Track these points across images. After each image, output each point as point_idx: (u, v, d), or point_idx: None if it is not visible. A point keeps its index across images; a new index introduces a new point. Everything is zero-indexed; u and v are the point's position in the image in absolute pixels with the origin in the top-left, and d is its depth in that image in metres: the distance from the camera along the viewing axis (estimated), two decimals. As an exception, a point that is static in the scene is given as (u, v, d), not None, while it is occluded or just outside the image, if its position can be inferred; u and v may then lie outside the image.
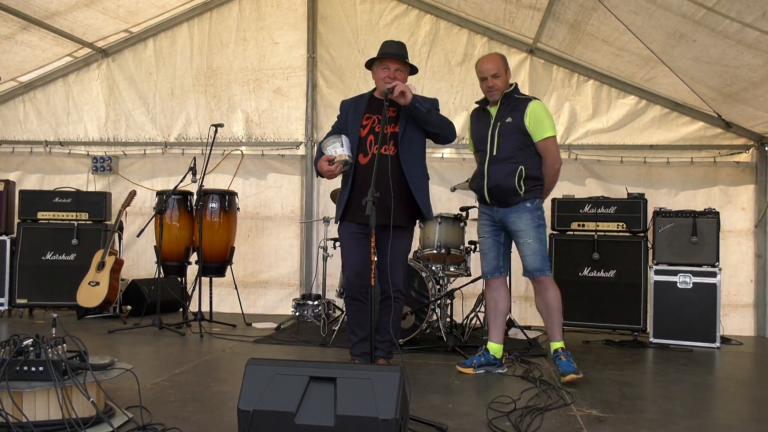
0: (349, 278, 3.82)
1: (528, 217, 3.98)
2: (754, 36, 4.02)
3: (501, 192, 3.99)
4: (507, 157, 3.97)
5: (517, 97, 4.06)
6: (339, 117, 4.01)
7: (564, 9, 5.16)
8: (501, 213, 4.06)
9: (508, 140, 3.97)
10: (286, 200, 6.88)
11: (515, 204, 3.99)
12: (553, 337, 4.07)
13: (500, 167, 3.98)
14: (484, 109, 4.14)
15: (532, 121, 3.94)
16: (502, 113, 4.03)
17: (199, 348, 4.90)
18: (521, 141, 3.97)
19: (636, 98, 6.24)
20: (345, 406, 2.40)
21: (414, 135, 3.81)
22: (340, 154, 3.65)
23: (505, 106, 4.03)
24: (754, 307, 6.04)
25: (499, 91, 4.01)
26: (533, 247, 3.98)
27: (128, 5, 6.30)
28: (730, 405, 3.74)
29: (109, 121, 7.10)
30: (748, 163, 6.10)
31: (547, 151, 4.02)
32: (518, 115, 3.96)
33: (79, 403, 2.63)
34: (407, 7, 6.60)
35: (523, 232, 4.00)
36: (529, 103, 3.97)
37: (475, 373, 4.03)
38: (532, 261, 4.00)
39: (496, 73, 3.98)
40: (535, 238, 3.98)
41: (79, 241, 6.29)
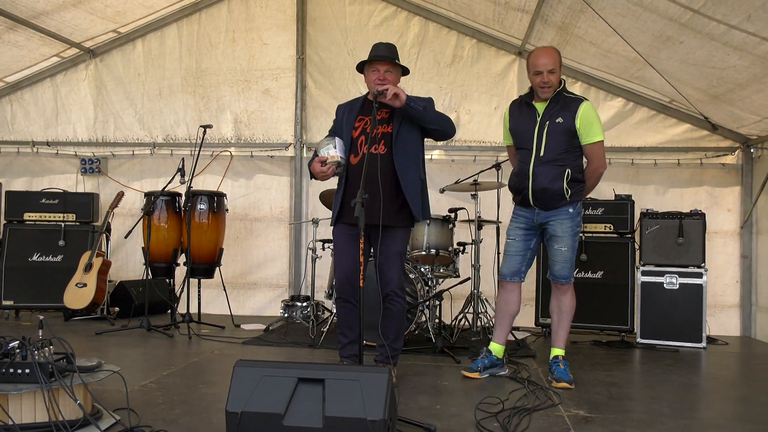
0: (339, 280, 3.79)
1: (568, 224, 3.91)
2: (740, 38, 4.06)
3: (548, 196, 3.88)
4: (554, 159, 3.85)
5: (567, 96, 3.91)
6: (335, 121, 3.99)
7: (552, 11, 5.19)
8: (543, 216, 3.96)
9: (556, 141, 3.85)
10: (275, 201, 6.87)
11: (559, 207, 3.91)
12: (557, 342, 4.06)
13: (547, 169, 3.86)
14: (529, 104, 3.98)
15: (583, 123, 3.82)
16: (550, 111, 3.88)
17: (187, 350, 4.88)
18: (568, 143, 3.86)
19: (623, 100, 6.28)
20: (333, 408, 2.41)
21: (409, 135, 3.75)
22: (332, 155, 3.64)
23: (554, 104, 3.88)
24: (739, 308, 6.09)
25: (552, 88, 3.87)
26: (565, 256, 3.94)
27: (116, 5, 6.27)
28: (716, 405, 3.78)
29: (97, 121, 7.06)
30: (733, 165, 6.16)
31: (594, 154, 3.91)
32: (569, 116, 3.82)
33: (66, 406, 2.62)
34: (396, 8, 6.60)
35: (560, 239, 3.93)
36: (581, 104, 3.84)
37: (482, 378, 3.98)
38: (561, 269, 3.97)
39: (552, 69, 3.84)
40: (570, 247, 3.94)
41: (67, 243, 6.25)
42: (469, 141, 6.49)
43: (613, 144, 6.28)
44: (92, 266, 5.82)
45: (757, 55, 4.21)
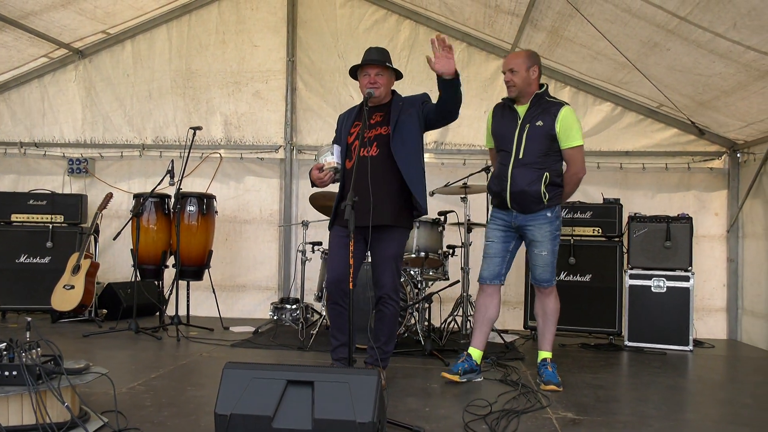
0: (330, 282, 3.78)
1: (547, 228, 3.92)
2: (725, 46, 4.11)
3: (525, 198, 3.89)
4: (533, 162, 3.87)
5: (549, 100, 3.95)
6: (336, 130, 4.01)
7: (542, 16, 5.23)
8: (521, 219, 3.96)
9: (536, 144, 3.87)
10: (265, 204, 6.86)
11: (536, 211, 3.92)
12: (543, 345, 4.07)
13: (526, 172, 3.88)
14: (511, 107, 4.01)
15: (563, 127, 3.84)
16: (531, 114, 3.91)
17: (175, 352, 4.87)
18: (548, 146, 3.87)
19: (612, 105, 6.33)
20: (322, 410, 2.42)
21: (407, 134, 3.74)
22: (328, 161, 3.69)
23: (535, 107, 3.92)
24: (726, 311, 6.14)
25: (515, 87, 3.90)
26: (546, 260, 3.95)
27: (105, 6, 6.24)
28: (702, 407, 3.81)
29: (85, 122, 7.03)
30: (720, 170, 6.21)
31: (573, 159, 3.93)
32: (549, 120, 3.85)
33: (53, 408, 2.60)
34: (387, 12, 6.62)
35: (539, 243, 3.94)
36: (561, 108, 3.87)
37: (460, 380, 3.96)
38: (542, 273, 3.98)
39: (512, 69, 3.89)
40: (550, 251, 3.95)
41: (54, 244, 6.22)
42: (459, 144, 6.52)
43: (601, 148, 6.34)
44: (80, 268, 5.79)
45: (742, 63, 4.26)
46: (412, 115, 3.77)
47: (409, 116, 3.76)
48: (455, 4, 5.98)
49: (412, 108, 3.79)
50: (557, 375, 3.92)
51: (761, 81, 4.41)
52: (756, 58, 4.10)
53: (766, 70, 4.22)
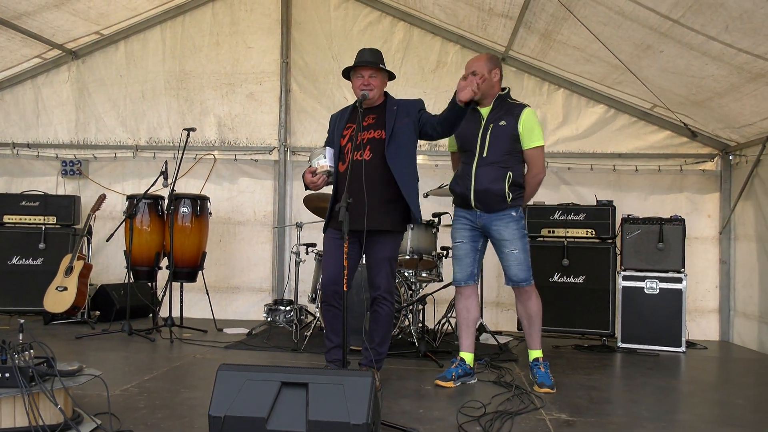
0: (325, 284, 3.78)
1: (514, 227, 3.95)
2: (717, 48, 4.13)
3: (489, 197, 3.93)
4: (497, 161, 3.92)
5: (511, 102, 4.04)
6: (329, 131, 4.02)
7: (535, 18, 5.24)
8: (485, 219, 4.00)
9: (500, 143, 3.93)
10: (259, 205, 6.85)
11: (501, 211, 3.95)
12: (532, 345, 4.08)
13: (490, 170, 3.93)
14: (474, 108, 4.03)
15: (525, 127, 3.93)
16: (494, 115, 3.98)
17: (169, 354, 4.86)
18: (511, 146, 3.94)
19: (605, 107, 6.35)
20: (317, 412, 2.42)
21: (405, 139, 3.76)
22: (321, 165, 3.68)
23: (498, 108, 4.00)
24: (718, 313, 6.17)
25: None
26: (519, 258, 3.96)
27: (99, 7, 6.22)
28: (694, 408, 3.83)
29: (78, 123, 7.01)
30: (713, 172, 6.24)
31: (534, 160, 4.00)
32: (512, 120, 3.94)
33: (46, 410, 2.60)
34: (381, 14, 6.63)
35: (509, 242, 3.96)
36: (523, 109, 3.96)
37: (455, 386, 3.96)
38: (518, 272, 3.98)
39: (474, 71, 3.94)
40: (521, 249, 3.96)
41: (47, 246, 6.20)
42: (453, 146, 6.53)
43: (595, 150, 6.36)
44: (73, 269, 5.77)
45: (734, 66, 4.28)
46: (409, 125, 3.78)
47: (405, 125, 3.77)
48: (449, 7, 6.00)
49: (408, 117, 3.79)
50: (550, 375, 3.93)
51: (753, 83, 4.44)
52: (748, 60, 4.12)
53: (758, 73, 4.24)
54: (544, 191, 6.32)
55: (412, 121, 3.79)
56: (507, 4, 5.24)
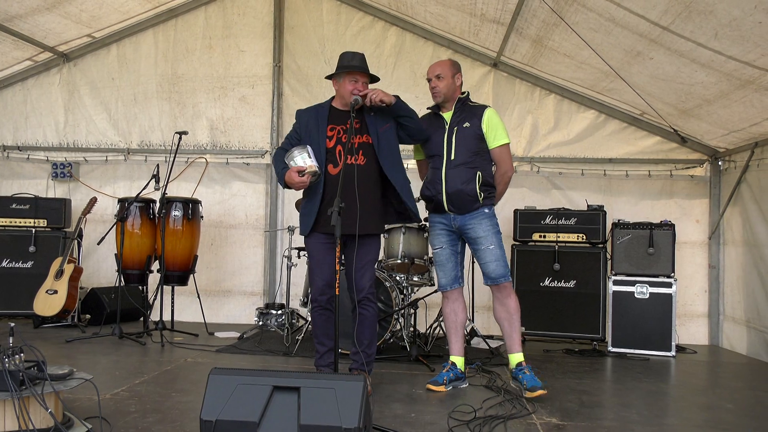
0: (319, 288, 3.76)
1: (488, 223, 3.98)
2: (707, 55, 4.18)
3: (461, 198, 3.95)
4: (465, 162, 3.96)
5: (472, 104, 4.10)
6: (295, 126, 3.96)
7: (527, 24, 5.28)
8: (459, 220, 4.02)
9: (465, 145, 3.97)
10: (251, 209, 6.85)
11: (473, 210, 3.98)
12: (513, 348, 4.02)
13: (459, 172, 3.95)
14: (437, 114, 4.12)
15: (489, 127, 3.98)
16: (457, 118, 4.03)
17: (160, 357, 4.84)
18: (478, 146, 3.99)
19: (596, 112, 6.39)
20: (308, 416, 2.42)
21: (390, 143, 3.84)
22: (309, 165, 3.62)
23: (460, 111, 4.04)
24: (707, 317, 6.21)
25: (440, 93, 4.03)
26: (496, 253, 3.96)
27: (91, 10, 6.21)
28: (684, 412, 3.85)
29: (68, 126, 6.98)
30: (702, 177, 6.29)
31: (501, 158, 4.05)
32: (476, 121, 3.99)
33: (36, 414, 2.58)
34: (373, 18, 6.65)
35: (484, 239, 3.97)
36: (485, 110, 4.02)
37: (446, 391, 3.96)
38: (496, 267, 3.97)
39: (439, 74, 4.02)
40: (497, 244, 3.98)
41: (37, 249, 6.17)
42: (445, 150, 6.54)
43: (585, 155, 6.40)
44: (63, 273, 5.74)
45: (724, 72, 4.33)
46: (391, 130, 3.86)
47: (389, 131, 3.84)
48: (440, 13, 6.02)
49: (388, 123, 3.84)
50: (537, 378, 3.88)
51: (742, 90, 4.48)
52: (737, 67, 4.17)
53: (746, 79, 4.29)
54: (535, 196, 6.39)
55: (393, 126, 3.86)
56: (499, 10, 5.27)
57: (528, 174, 6.42)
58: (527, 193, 6.39)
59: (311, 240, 3.84)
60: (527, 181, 6.40)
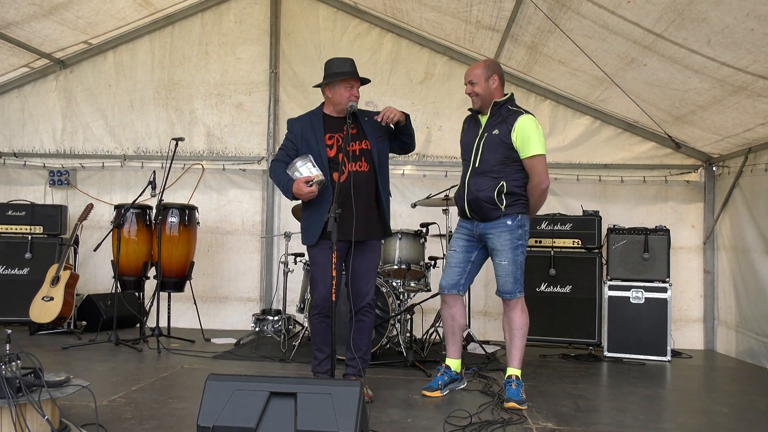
0: (322, 295, 3.72)
1: (507, 237, 3.85)
2: (700, 62, 4.21)
3: (480, 206, 3.88)
4: (488, 171, 3.86)
5: (510, 109, 3.92)
6: (289, 137, 3.89)
7: (522, 31, 5.31)
8: (481, 228, 3.93)
9: (492, 153, 3.85)
10: (247, 215, 6.85)
11: (495, 219, 3.86)
12: (512, 362, 3.93)
13: (480, 180, 3.88)
14: (476, 118, 4.04)
15: (519, 137, 3.79)
16: (491, 123, 3.91)
17: (156, 364, 4.84)
18: (505, 155, 3.83)
19: (591, 118, 6.42)
20: (305, 422, 2.43)
21: (384, 152, 3.89)
22: (315, 174, 3.59)
23: (495, 117, 3.92)
24: (703, 322, 6.23)
25: (477, 98, 3.93)
26: (507, 269, 3.89)
27: (87, 17, 6.22)
28: (679, 416, 3.87)
29: (65, 133, 6.99)
30: (697, 182, 6.32)
31: (534, 169, 3.84)
32: (505, 129, 3.82)
33: (33, 421, 2.59)
34: (369, 25, 6.68)
35: (499, 252, 3.89)
36: (519, 117, 3.82)
37: (442, 395, 3.95)
38: (504, 283, 3.92)
39: (471, 80, 3.94)
40: (511, 261, 3.87)
41: (33, 255, 6.16)
42: (441, 156, 6.56)
43: (581, 161, 6.43)
44: (59, 279, 5.74)
45: (717, 79, 4.36)
46: (385, 140, 3.90)
47: (383, 140, 3.88)
48: (436, 20, 6.05)
49: (382, 132, 3.87)
50: (521, 393, 3.78)
51: (735, 96, 4.51)
52: (730, 73, 4.20)
53: (739, 86, 4.32)
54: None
55: (387, 137, 3.90)
56: (494, 17, 5.30)
57: (524, 180, 6.43)
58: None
59: (317, 248, 3.79)
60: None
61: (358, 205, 3.55)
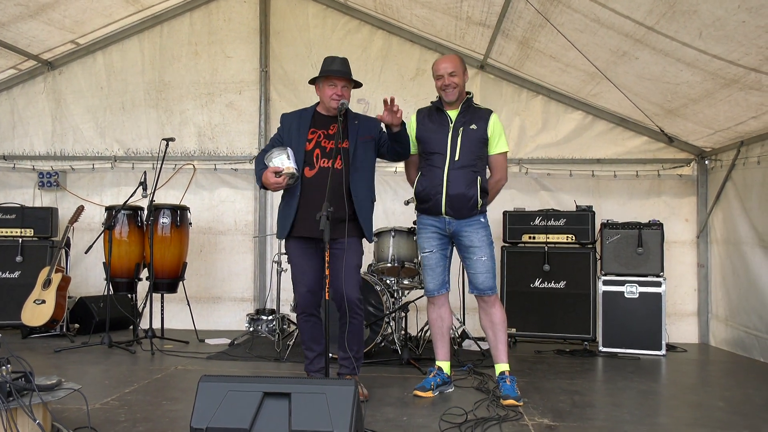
0: (303, 295, 3.76)
1: (483, 233, 3.90)
2: (691, 54, 4.20)
3: (462, 202, 3.84)
4: (468, 165, 3.86)
5: (476, 106, 4.02)
6: (280, 130, 3.95)
7: (513, 26, 5.29)
8: (455, 225, 3.91)
9: (471, 147, 3.88)
10: (240, 215, 6.82)
11: (470, 217, 3.89)
12: (499, 358, 3.95)
13: (463, 174, 3.85)
14: (440, 110, 3.99)
15: (494, 132, 3.93)
16: (462, 118, 3.92)
17: (150, 366, 4.80)
18: (481, 150, 3.93)
19: (583, 113, 6.41)
20: (299, 422, 2.41)
21: (366, 155, 3.83)
22: (287, 166, 3.59)
23: (466, 112, 3.94)
24: (697, 315, 6.24)
25: (456, 89, 3.91)
26: (487, 265, 3.89)
27: (74, 15, 6.15)
28: (675, 411, 3.87)
29: (55, 134, 6.93)
30: (689, 176, 6.33)
31: (499, 166, 4.01)
32: (483, 125, 3.91)
33: (24, 426, 2.56)
34: (360, 22, 6.65)
35: (478, 249, 3.89)
36: (491, 115, 3.97)
37: (434, 396, 3.92)
38: (485, 279, 3.90)
39: (453, 72, 3.92)
40: (489, 256, 3.90)
41: (24, 259, 6.11)
42: (433, 153, 6.53)
43: (573, 156, 6.42)
44: (51, 282, 5.69)
45: (709, 72, 4.35)
46: (371, 144, 3.85)
47: (367, 143, 3.82)
48: (426, 17, 6.03)
49: (370, 136, 3.84)
50: (516, 389, 3.80)
51: (727, 89, 4.51)
52: (722, 66, 4.19)
53: (731, 78, 4.32)
54: (524, 197, 6.40)
55: (374, 140, 3.86)
56: (484, 12, 5.28)
57: (516, 175, 6.41)
58: (516, 194, 6.38)
59: (290, 246, 3.83)
60: (516, 183, 6.39)
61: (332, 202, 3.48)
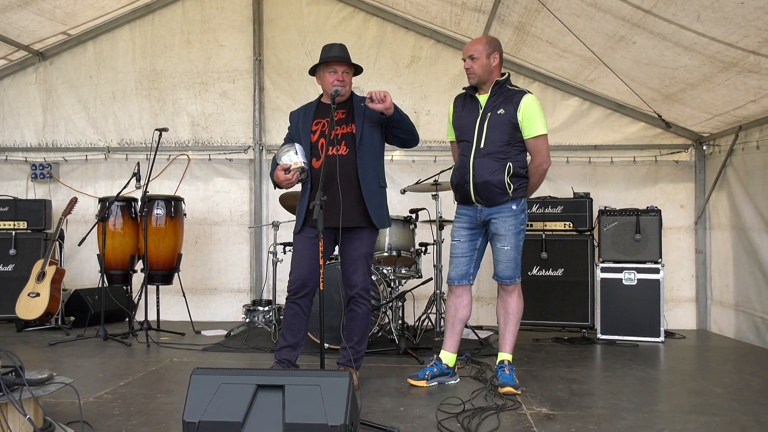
0: (293, 282, 3.70)
1: (512, 222, 3.77)
2: (690, 38, 4.15)
3: (488, 190, 3.74)
4: (495, 152, 3.73)
5: (511, 88, 3.83)
6: (290, 128, 3.92)
7: (509, 11, 5.23)
8: (486, 213, 3.81)
9: (498, 133, 3.73)
10: (235, 205, 6.77)
11: (501, 203, 3.76)
12: (504, 347, 3.90)
13: (487, 162, 3.73)
14: (472, 96, 3.89)
15: (525, 116, 3.71)
16: (492, 103, 3.79)
17: (145, 358, 4.77)
18: (511, 135, 3.74)
19: (580, 100, 6.36)
20: (294, 414, 2.37)
21: (372, 138, 3.74)
22: (295, 161, 3.54)
23: (497, 95, 3.80)
24: (695, 302, 6.22)
25: (474, 75, 3.80)
26: (509, 255, 3.81)
27: (65, 6, 6.08)
28: (673, 398, 3.84)
29: (47, 126, 6.86)
30: (687, 162, 6.29)
31: (537, 149, 3.78)
32: (511, 108, 3.73)
33: (15, 422, 2.52)
34: (354, 9, 6.58)
35: (502, 237, 3.79)
36: (523, 96, 3.75)
37: (428, 386, 3.85)
38: (505, 269, 3.84)
39: (472, 55, 3.78)
40: (513, 246, 3.80)
41: (18, 251, 6.06)
42: (430, 141, 6.48)
43: (570, 142, 6.38)
44: (45, 275, 5.65)
45: (707, 55, 4.30)
46: (377, 128, 3.76)
47: (374, 127, 3.75)
48: (421, 3, 5.96)
49: (377, 120, 3.74)
50: (515, 377, 3.76)
51: (725, 73, 4.46)
52: (720, 49, 4.14)
53: (730, 62, 4.27)
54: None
55: (381, 124, 3.77)
56: (480, -3, 5.22)
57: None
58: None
59: (299, 236, 3.76)
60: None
61: (332, 190, 3.44)
